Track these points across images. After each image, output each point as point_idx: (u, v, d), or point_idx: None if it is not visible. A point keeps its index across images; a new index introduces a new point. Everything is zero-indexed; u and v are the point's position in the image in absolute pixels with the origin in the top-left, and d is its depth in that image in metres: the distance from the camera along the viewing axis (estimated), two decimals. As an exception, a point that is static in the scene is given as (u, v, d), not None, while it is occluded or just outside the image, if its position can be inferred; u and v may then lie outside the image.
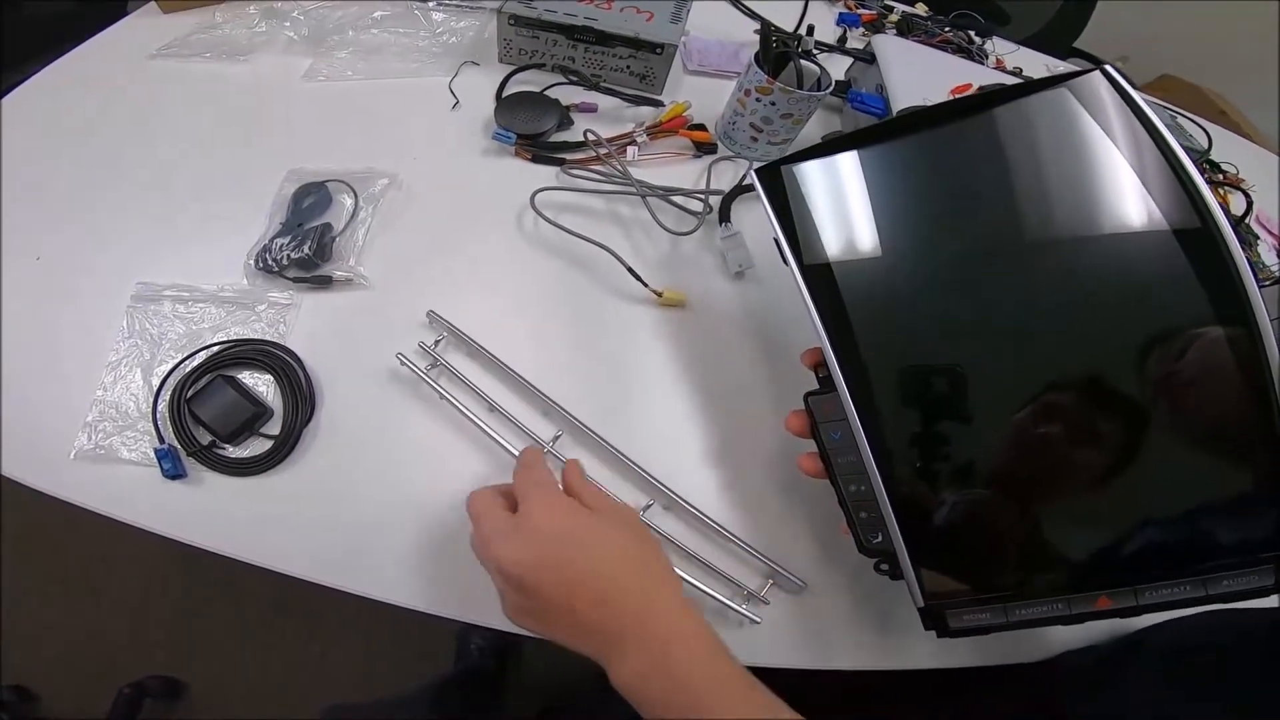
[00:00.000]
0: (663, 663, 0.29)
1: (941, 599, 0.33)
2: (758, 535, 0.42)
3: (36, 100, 0.57)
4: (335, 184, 0.53)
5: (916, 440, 0.32)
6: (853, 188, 0.36)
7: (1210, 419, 0.28)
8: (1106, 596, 0.30)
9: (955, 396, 0.32)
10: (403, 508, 0.41)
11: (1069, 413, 0.30)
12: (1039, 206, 0.32)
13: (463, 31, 0.69)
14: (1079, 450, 0.30)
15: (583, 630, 0.30)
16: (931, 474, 0.32)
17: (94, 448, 0.40)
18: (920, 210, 0.35)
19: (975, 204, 0.34)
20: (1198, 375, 0.28)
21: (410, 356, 0.44)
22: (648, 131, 0.61)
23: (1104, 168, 0.30)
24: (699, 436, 0.46)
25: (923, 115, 0.35)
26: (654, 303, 0.51)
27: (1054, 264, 0.31)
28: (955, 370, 0.32)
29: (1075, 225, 0.31)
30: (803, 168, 0.38)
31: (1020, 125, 0.33)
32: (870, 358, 0.33)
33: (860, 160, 0.36)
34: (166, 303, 0.45)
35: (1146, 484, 0.29)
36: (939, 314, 0.33)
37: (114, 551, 1.11)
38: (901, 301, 0.34)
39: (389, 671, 1.07)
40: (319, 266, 0.48)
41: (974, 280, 0.33)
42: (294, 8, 0.67)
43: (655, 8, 0.66)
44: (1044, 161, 0.32)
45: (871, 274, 0.35)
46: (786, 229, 0.37)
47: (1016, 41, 0.94)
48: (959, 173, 0.34)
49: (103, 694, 0.97)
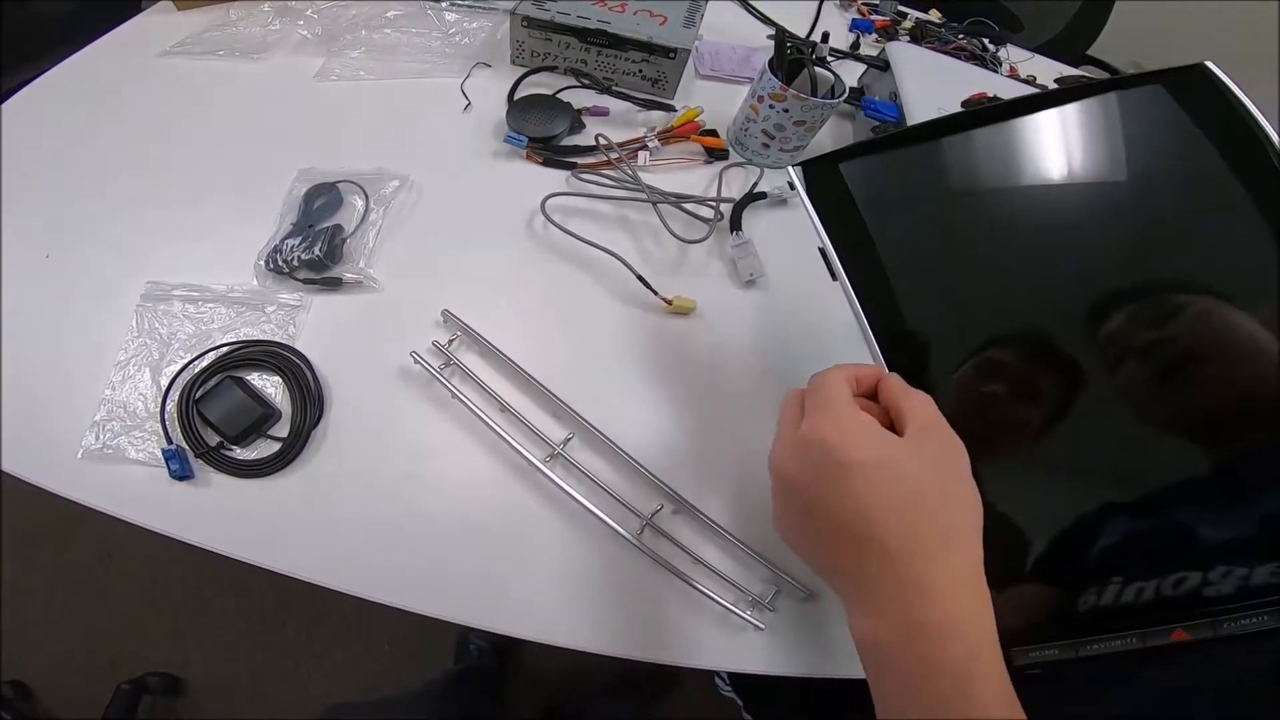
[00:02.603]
0: (911, 645, 0.24)
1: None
2: (766, 543, 0.41)
3: (49, 97, 0.57)
4: (346, 185, 0.53)
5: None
6: (920, 190, 0.32)
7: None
8: (1182, 629, 0.27)
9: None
10: (409, 510, 0.40)
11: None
12: (1141, 211, 0.29)
13: (475, 33, 0.69)
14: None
15: (831, 566, 0.27)
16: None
17: (101, 447, 0.40)
18: (1006, 219, 0.31)
19: (1067, 214, 0.30)
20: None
21: (423, 355, 0.44)
22: (659, 136, 0.61)
23: (1202, 166, 0.28)
24: (708, 443, 0.45)
25: (998, 109, 0.31)
26: (663, 310, 0.51)
27: (1162, 288, 0.28)
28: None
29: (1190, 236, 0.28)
30: (858, 166, 0.32)
31: (1111, 121, 0.29)
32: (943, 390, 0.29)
33: (930, 158, 0.31)
34: (176, 302, 0.45)
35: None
36: (1035, 345, 0.29)
37: (116, 549, 1.11)
38: (980, 326, 0.30)
39: (389, 671, 1.07)
40: (329, 268, 0.48)
41: (1077, 301, 0.29)
42: (307, 6, 0.68)
43: (668, 11, 0.66)
44: (1146, 164, 0.29)
45: (943, 294, 0.30)
46: (837, 238, 0.32)
47: (1030, 49, 0.93)
48: (1045, 177, 0.30)
49: (102, 691, 0.97)
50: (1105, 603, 0.28)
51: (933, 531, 0.25)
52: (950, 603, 0.24)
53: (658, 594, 0.40)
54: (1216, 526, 0.27)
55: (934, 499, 0.26)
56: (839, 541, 0.26)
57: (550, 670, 1.07)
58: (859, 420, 0.27)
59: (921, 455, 0.26)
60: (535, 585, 0.39)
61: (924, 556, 0.25)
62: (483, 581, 0.39)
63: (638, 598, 0.39)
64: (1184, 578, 0.27)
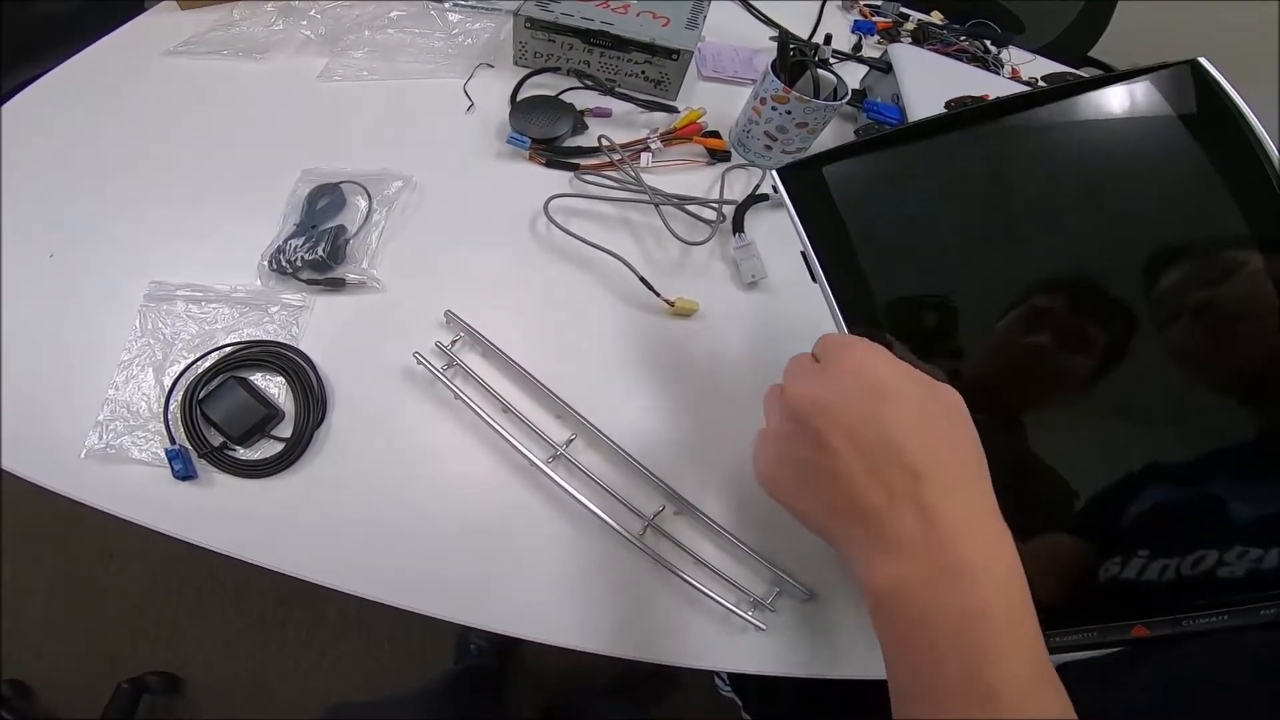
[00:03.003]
0: (942, 575, 0.22)
1: None
2: (767, 544, 0.41)
3: (51, 97, 0.57)
4: (350, 185, 0.53)
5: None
6: (902, 192, 0.32)
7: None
8: (1143, 625, 0.28)
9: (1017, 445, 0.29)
10: (411, 510, 0.40)
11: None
12: (1128, 219, 0.28)
13: (478, 33, 0.69)
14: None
15: (847, 508, 0.25)
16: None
17: (105, 447, 0.40)
18: (990, 220, 0.31)
19: (1058, 218, 0.29)
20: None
21: (426, 356, 0.44)
22: (662, 138, 0.61)
23: (1187, 166, 0.27)
24: (709, 444, 0.45)
25: (985, 109, 0.31)
26: (665, 311, 0.51)
27: (1143, 301, 0.27)
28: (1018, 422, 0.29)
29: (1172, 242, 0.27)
30: (842, 169, 0.32)
31: (1102, 120, 0.29)
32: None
33: (913, 159, 0.31)
34: (179, 303, 0.45)
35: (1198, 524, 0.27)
36: (1011, 348, 0.29)
37: (116, 548, 1.11)
38: (965, 337, 0.29)
39: (389, 671, 1.07)
40: (332, 269, 0.48)
41: (1060, 313, 0.29)
42: (311, 6, 0.68)
43: (671, 12, 0.66)
44: (1131, 163, 0.29)
45: (925, 300, 0.30)
46: (818, 241, 0.32)
47: (1032, 50, 0.93)
48: (1033, 179, 0.30)
49: (102, 690, 0.98)
50: (1127, 576, 0.28)
51: (955, 463, 0.25)
52: (980, 539, 0.23)
53: (659, 594, 0.40)
54: (1246, 501, 0.26)
55: (957, 433, 0.25)
56: (861, 474, 0.24)
57: (550, 670, 1.07)
58: (884, 351, 0.27)
59: (937, 395, 0.26)
60: (536, 585, 0.39)
61: (952, 489, 0.24)
62: (483, 581, 0.39)
63: (638, 598, 0.39)
64: (1203, 556, 0.27)
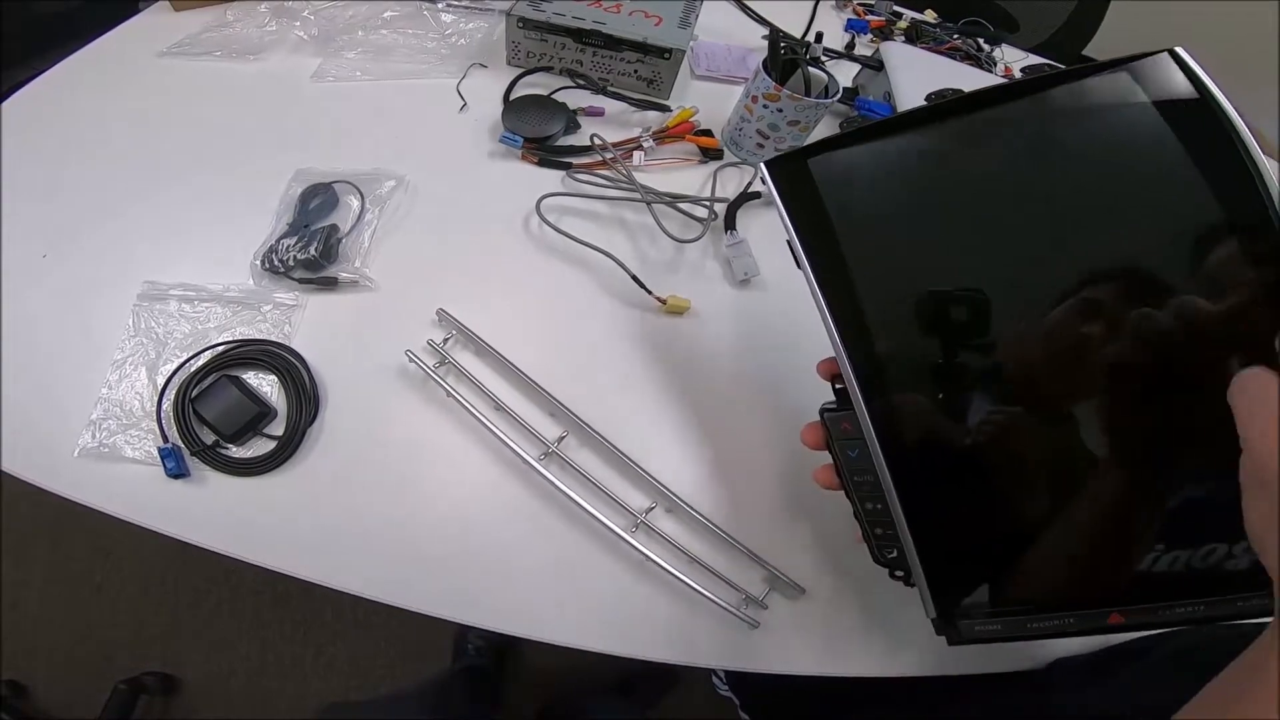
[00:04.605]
0: None
1: (956, 613, 0.31)
2: (760, 541, 0.41)
3: (46, 97, 0.58)
4: (342, 185, 0.53)
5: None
6: (884, 183, 0.32)
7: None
8: (1118, 613, 0.28)
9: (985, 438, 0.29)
10: (404, 508, 0.41)
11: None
12: (1105, 207, 0.28)
13: (471, 33, 0.70)
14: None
15: None
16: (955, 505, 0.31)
17: (98, 445, 0.40)
18: (967, 210, 0.31)
19: (1030, 205, 0.30)
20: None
21: (418, 354, 0.44)
22: (654, 136, 0.61)
23: (1165, 157, 0.27)
24: (701, 442, 0.46)
25: (966, 100, 0.31)
26: (658, 309, 0.51)
27: (1119, 279, 0.27)
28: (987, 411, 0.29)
29: (1144, 227, 0.27)
30: (825, 160, 0.33)
31: (1080, 110, 0.29)
32: (897, 383, 0.30)
33: (895, 151, 0.32)
34: (172, 302, 0.46)
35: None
36: (983, 336, 0.29)
37: (113, 547, 1.11)
38: (939, 320, 0.30)
39: (386, 670, 1.07)
40: (325, 268, 0.48)
41: (1023, 297, 0.29)
42: (304, 7, 0.68)
43: (664, 11, 0.66)
44: (1108, 153, 0.28)
45: (902, 286, 0.31)
46: (803, 231, 0.33)
47: (1025, 49, 0.94)
48: (1009, 167, 0.30)
49: (98, 689, 0.98)
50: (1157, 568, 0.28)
51: None
52: None
53: (653, 592, 0.40)
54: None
55: None
56: None
57: (548, 669, 1.08)
58: None
59: None
60: (531, 583, 0.39)
61: None
62: (478, 579, 0.39)
63: (633, 596, 0.40)
64: (1213, 549, 0.27)
